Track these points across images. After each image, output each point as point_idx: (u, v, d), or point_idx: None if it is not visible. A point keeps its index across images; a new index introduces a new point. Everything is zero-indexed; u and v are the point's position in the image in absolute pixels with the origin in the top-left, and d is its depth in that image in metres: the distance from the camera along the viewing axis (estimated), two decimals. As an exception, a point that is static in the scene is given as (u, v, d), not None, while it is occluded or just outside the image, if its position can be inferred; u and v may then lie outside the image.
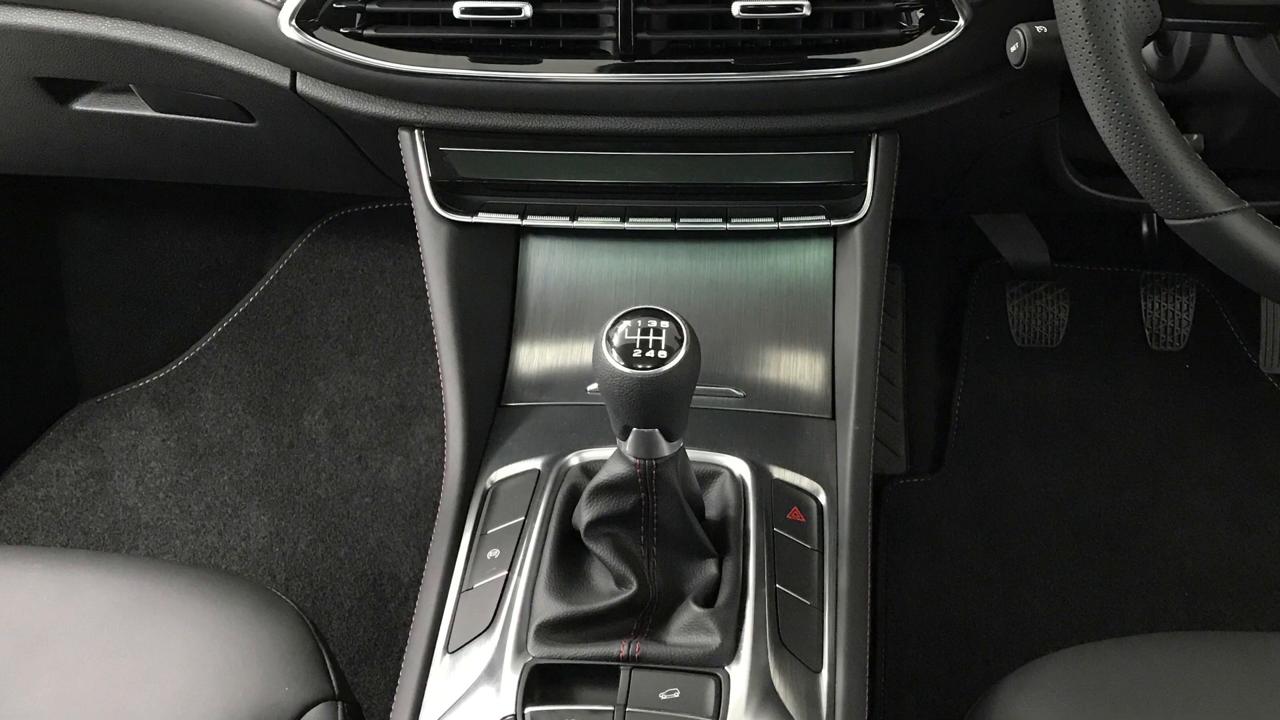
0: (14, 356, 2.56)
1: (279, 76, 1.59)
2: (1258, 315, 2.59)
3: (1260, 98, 1.33)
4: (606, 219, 1.68)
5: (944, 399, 2.61)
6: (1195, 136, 1.37)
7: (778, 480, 1.55)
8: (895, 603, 2.31)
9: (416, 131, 1.61)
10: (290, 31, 1.47)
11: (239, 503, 2.50)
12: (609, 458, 1.34)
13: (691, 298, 1.75)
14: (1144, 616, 2.31)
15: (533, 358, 1.76)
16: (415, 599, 1.49)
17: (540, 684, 1.31)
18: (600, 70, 1.48)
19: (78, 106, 1.83)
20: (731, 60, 1.48)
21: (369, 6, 1.47)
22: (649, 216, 1.67)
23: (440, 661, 1.42)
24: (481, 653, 1.38)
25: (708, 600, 1.37)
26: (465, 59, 1.49)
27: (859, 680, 1.39)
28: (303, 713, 1.37)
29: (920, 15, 1.44)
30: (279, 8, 1.47)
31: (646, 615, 1.36)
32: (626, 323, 1.24)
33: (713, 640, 1.33)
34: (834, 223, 1.66)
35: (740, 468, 1.53)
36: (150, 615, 1.44)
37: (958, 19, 1.43)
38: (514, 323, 1.76)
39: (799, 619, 1.41)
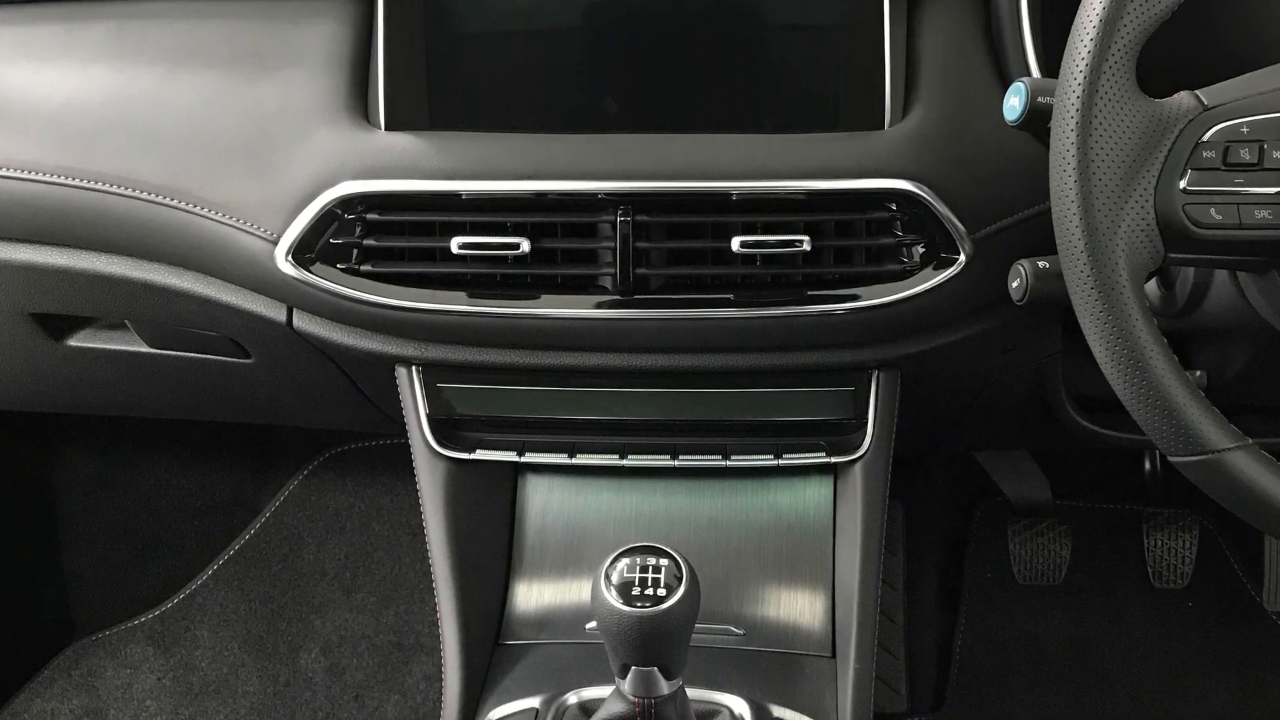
0: (9, 594, 2.51)
1: (275, 312, 1.57)
2: (1261, 553, 2.54)
3: (1264, 334, 1.30)
4: (605, 456, 1.65)
5: (945, 637, 2.55)
6: (1198, 373, 1.34)
7: (778, 719, 1.49)
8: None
9: (414, 368, 1.59)
10: (287, 267, 1.46)
11: (235, 743, 2.43)
12: (608, 696, 1.31)
13: (691, 535, 1.71)
14: None
15: (531, 595, 1.72)
16: None
17: None
18: (599, 306, 1.46)
19: (72, 343, 1.81)
20: (731, 296, 1.46)
21: (366, 242, 1.46)
22: (648, 454, 1.64)
23: None
24: None
25: None
26: (463, 295, 1.47)
27: None
28: None
29: (921, 251, 1.43)
30: (275, 243, 1.46)
31: None
32: (625, 560, 1.24)
33: None
34: (834, 460, 1.63)
35: (740, 706, 1.49)
36: None
37: (959, 254, 1.42)
38: (512, 560, 1.72)
39: None
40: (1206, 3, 1.30)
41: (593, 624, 1.45)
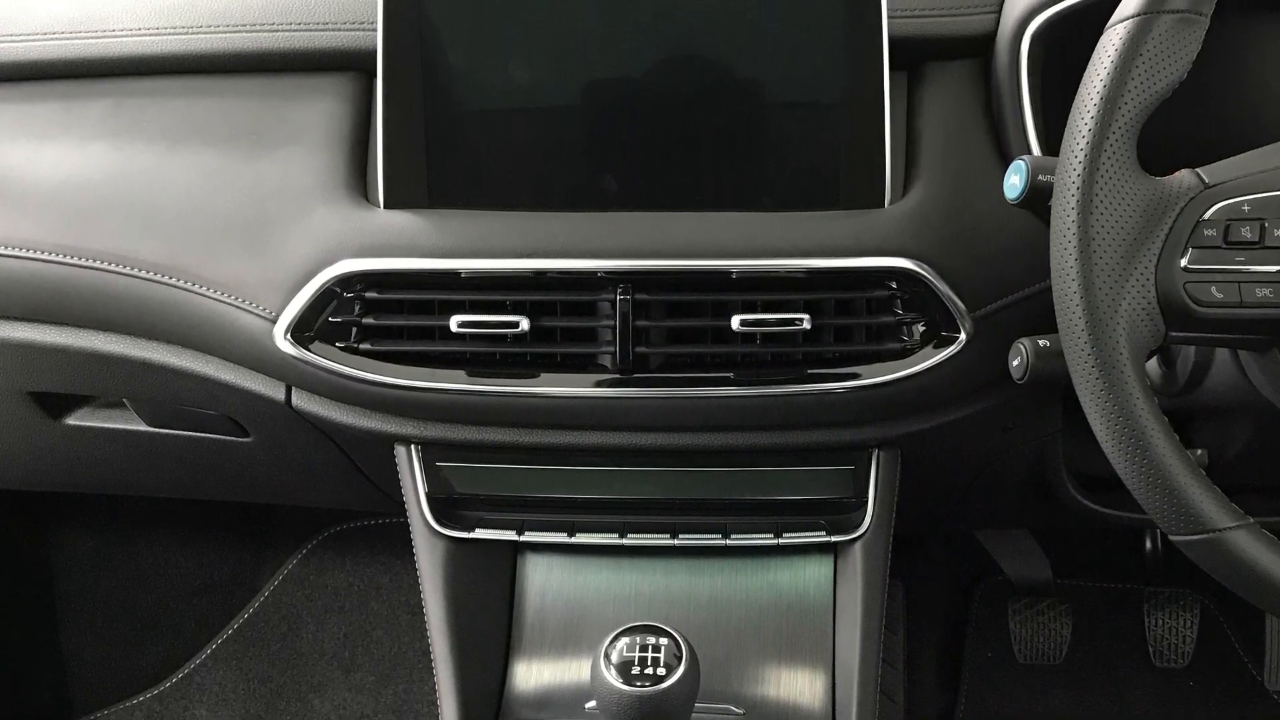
0: (6, 673, 2.49)
1: (274, 391, 1.56)
2: (1263, 632, 2.52)
3: (1265, 413, 1.29)
4: (605, 535, 1.63)
5: (945, 716, 2.53)
6: (1199, 451, 1.34)
7: None
8: None
9: (413, 447, 1.58)
10: (285, 346, 1.45)
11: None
12: None
13: (690, 614, 1.69)
14: None
15: (531, 674, 1.69)
16: None
17: None
18: (598, 385, 1.45)
19: (70, 421, 1.80)
20: (730, 375, 1.45)
21: (365, 321, 1.45)
22: (647, 532, 1.63)
23: None
24: None
25: None
26: (462, 373, 1.46)
27: None
28: None
29: (921, 329, 1.42)
30: (274, 322, 1.45)
31: None
32: (625, 639, 1.23)
33: None
34: (834, 539, 1.61)
35: None
36: None
37: (959, 333, 1.41)
38: (512, 638, 1.70)
39: None
40: (1206, 81, 1.30)
41: (593, 703, 1.43)
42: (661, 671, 1.19)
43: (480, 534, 1.62)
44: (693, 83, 1.45)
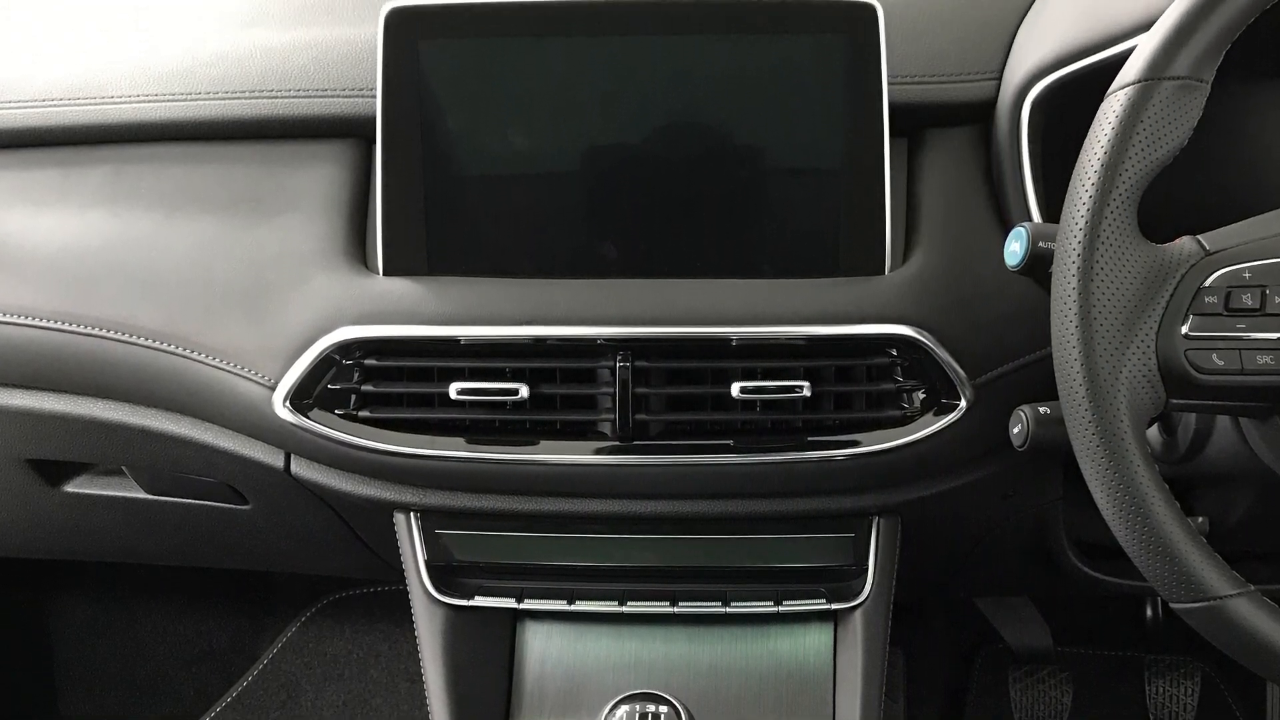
0: (5, 742, 2.47)
1: (273, 458, 1.55)
2: (1264, 700, 2.50)
3: (1266, 480, 1.28)
4: (604, 603, 1.62)
5: (947, 786, 2.49)
6: (1200, 519, 1.32)
7: None
8: None
9: (412, 514, 1.57)
10: (284, 413, 1.44)
11: None
12: None
13: (690, 681, 1.66)
14: None
15: (530, 742, 1.68)
16: None
17: None
18: (598, 452, 1.44)
19: (69, 489, 1.79)
20: (730, 442, 1.44)
21: (364, 388, 1.44)
22: (647, 600, 1.61)
23: None
24: None
25: None
26: (461, 440, 1.45)
27: None
28: None
29: (922, 396, 1.42)
30: (273, 389, 1.44)
31: None
32: (625, 707, 1.22)
33: None
34: (834, 606, 1.59)
35: None
36: None
37: (960, 400, 1.40)
38: (511, 706, 1.67)
39: None
40: (1207, 147, 1.29)
41: None
42: (662, 739, 1.18)
43: (480, 601, 1.61)
44: (692, 149, 1.45)
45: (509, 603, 1.61)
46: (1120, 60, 1.15)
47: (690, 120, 1.45)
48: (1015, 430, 1.26)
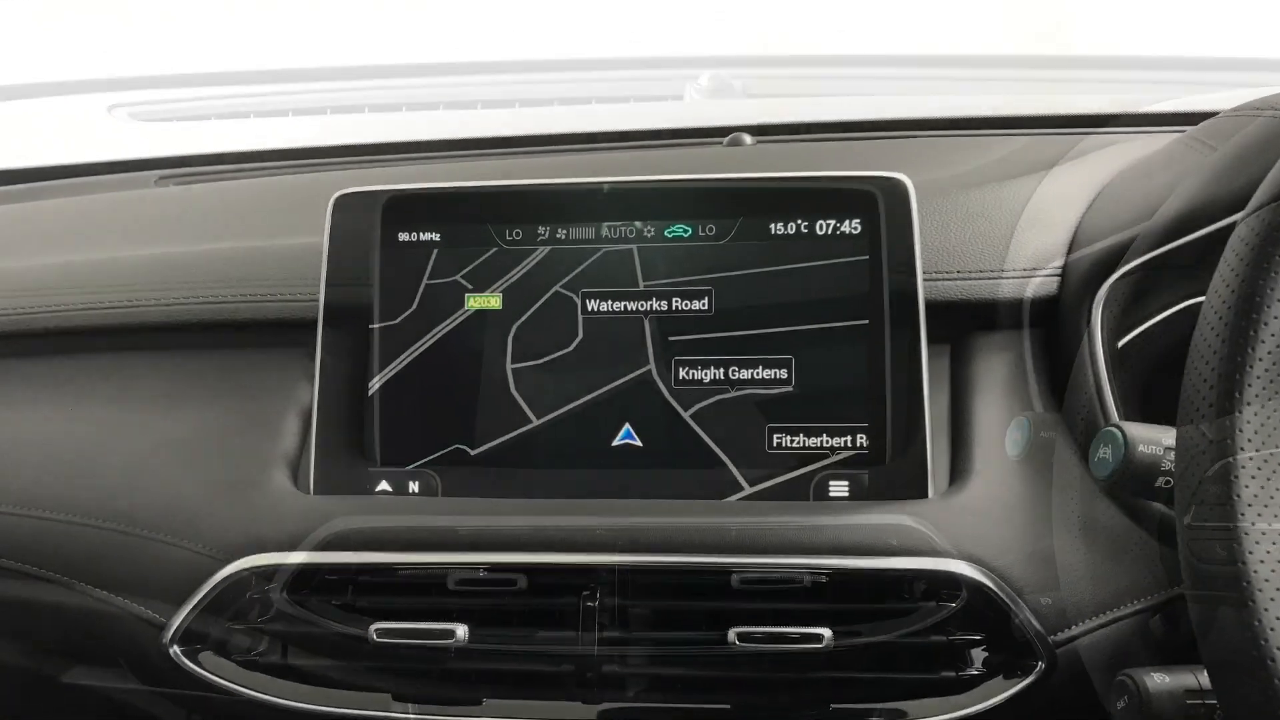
0: None
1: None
2: None
3: None
4: None
5: None
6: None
7: None
8: None
9: None
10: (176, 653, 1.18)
11: None
12: None
13: None
14: None
15: None
16: None
17: None
18: (557, 716, 1.15)
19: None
20: (728, 706, 1.14)
21: (270, 627, 1.17)
22: None
23: None
24: None
25: None
26: (386, 698, 1.17)
27: None
28: None
29: (984, 654, 1.10)
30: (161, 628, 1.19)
31: None
32: None
33: None
34: None
35: None
36: None
37: (1037, 660, 1.08)
38: None
39: None
40: None
41: None
42: None
43: None
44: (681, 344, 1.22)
45: None
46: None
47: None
48: (1121, 705, 0.94)
